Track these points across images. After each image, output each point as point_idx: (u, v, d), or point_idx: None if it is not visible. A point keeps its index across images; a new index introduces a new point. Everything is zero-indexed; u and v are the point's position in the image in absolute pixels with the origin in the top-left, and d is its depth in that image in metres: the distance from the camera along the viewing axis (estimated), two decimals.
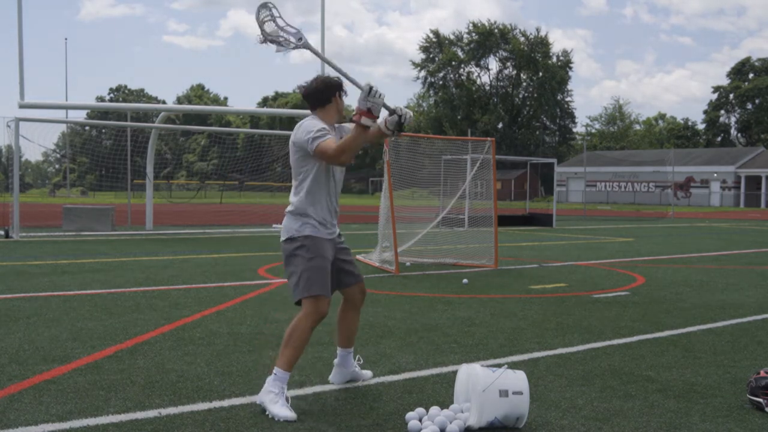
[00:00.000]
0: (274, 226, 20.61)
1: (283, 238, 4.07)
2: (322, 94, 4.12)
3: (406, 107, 4.16)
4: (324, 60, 4.20)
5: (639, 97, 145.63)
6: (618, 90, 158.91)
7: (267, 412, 3.73)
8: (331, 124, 4.12)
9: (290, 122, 73.78)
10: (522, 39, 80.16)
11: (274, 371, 3.87)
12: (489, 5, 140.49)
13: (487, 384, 3.60)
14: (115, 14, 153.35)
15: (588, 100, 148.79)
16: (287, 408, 3.72)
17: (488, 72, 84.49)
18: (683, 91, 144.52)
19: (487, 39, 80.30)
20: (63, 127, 54.89)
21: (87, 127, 75.27)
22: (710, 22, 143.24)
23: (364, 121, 3.75)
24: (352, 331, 4.34)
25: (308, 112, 4.21)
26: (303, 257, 3.96)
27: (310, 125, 3.99)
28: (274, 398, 3.76)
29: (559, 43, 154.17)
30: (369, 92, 3.71)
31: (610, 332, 6.03)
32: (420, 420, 3.61)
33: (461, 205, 15.14)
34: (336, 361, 4.37)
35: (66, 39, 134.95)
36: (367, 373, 4.49)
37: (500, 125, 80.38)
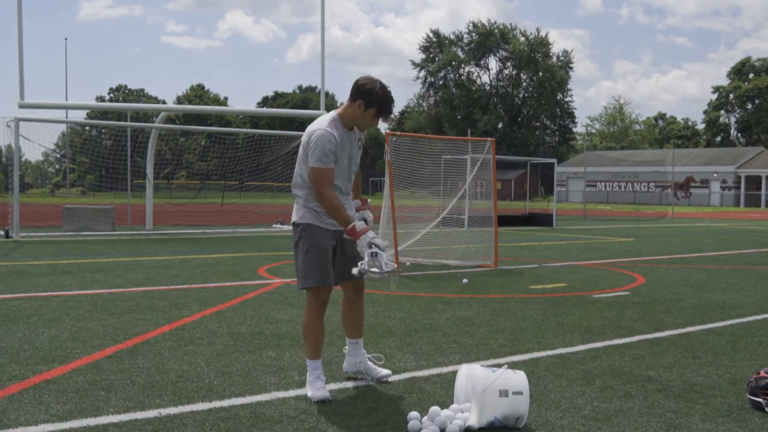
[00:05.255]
0: (274, 225, 20.61)
1: (291, 222, 4.34)
2: (354, 92, 4.16)
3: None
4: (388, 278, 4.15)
5: (636, 98, 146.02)
6: (615, 90, 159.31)
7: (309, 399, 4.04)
8: (346, 125, 4.18)
9: (290, 122, 73.81)
10: (522, 39, 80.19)
11: (306, 363, 4.22)
12: (484, 6, 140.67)
13: (487, 384, 3.60)
14: (114, 15, 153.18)
15: (585, 100, 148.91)
16: (321, 390, 4.03)
17: (488, 72, 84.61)
18: (680, 90, 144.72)
19: (488, 39, 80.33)
20: (63, 127, 54.87)
21: (87, 127, 75.23)
22: (706, 23, 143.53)
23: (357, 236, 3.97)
24: (355, 322, 4.48)
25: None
26: (301, 247, 4.19)
27: (320, 135, 4.06)
28: (309, 385, 4.10)
29: (555, 43, 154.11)
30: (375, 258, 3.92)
31: (610, 332, 6.03)
32: (420, 420, 3.61)
33: (461, 205, 15.13)
34: (345, 349, 4.57)
35: (66, 39, 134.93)
36: (383, 371, 4.44)
37: (500, 125, 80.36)
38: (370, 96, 4.10)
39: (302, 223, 4.20)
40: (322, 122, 4.14)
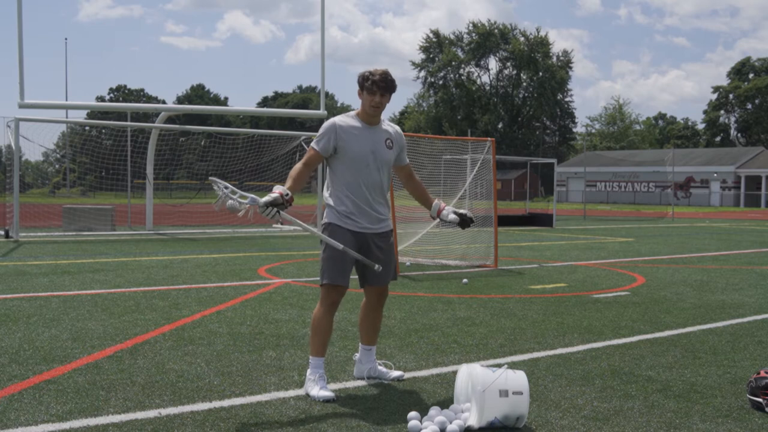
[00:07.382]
0: (274, 225, 20.60)
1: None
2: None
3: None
4: (295, 222, 4.26)
5: (635, 98, 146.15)
6: (614, 90, 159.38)
7: (309, 397, 4.05)
8: (363, 119, 4.33)
9: (290, 122, 73.80)
10: (522, 39, 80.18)
11: (309, 360, 4.23)
12: (482, 6, 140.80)
13: (487, 384, 3.60)
14: (113, 15, 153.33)
15: (584, 100, 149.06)
16: (325, 389, 4.05)
17: (488, 72, 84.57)
18: (678, 91, 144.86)
19: (487, 39, 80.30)
20: (63, 127, 54.80)
21: (87, 127, 75.18)
22: (704, 23, 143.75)
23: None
24: (372, 328, 4.51)
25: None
26: (322, 245, 4.26)
27: (325, 123, 4.34)
28: (312, 383, 4.12)
29: (554, 44, 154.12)
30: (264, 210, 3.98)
31: (610, 332, 6.03)
32: (420, 420, 3.60)
33: (461, 206, 15.11)
34: (356, 356, 4.58)
35: (66, 39, 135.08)
36: (395, 372, 4.50)
37: (500, 125, 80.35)
38: (360, 79, 4.31)
39: (325, 222, 4.34)
40: (338, 115, 4.40)
